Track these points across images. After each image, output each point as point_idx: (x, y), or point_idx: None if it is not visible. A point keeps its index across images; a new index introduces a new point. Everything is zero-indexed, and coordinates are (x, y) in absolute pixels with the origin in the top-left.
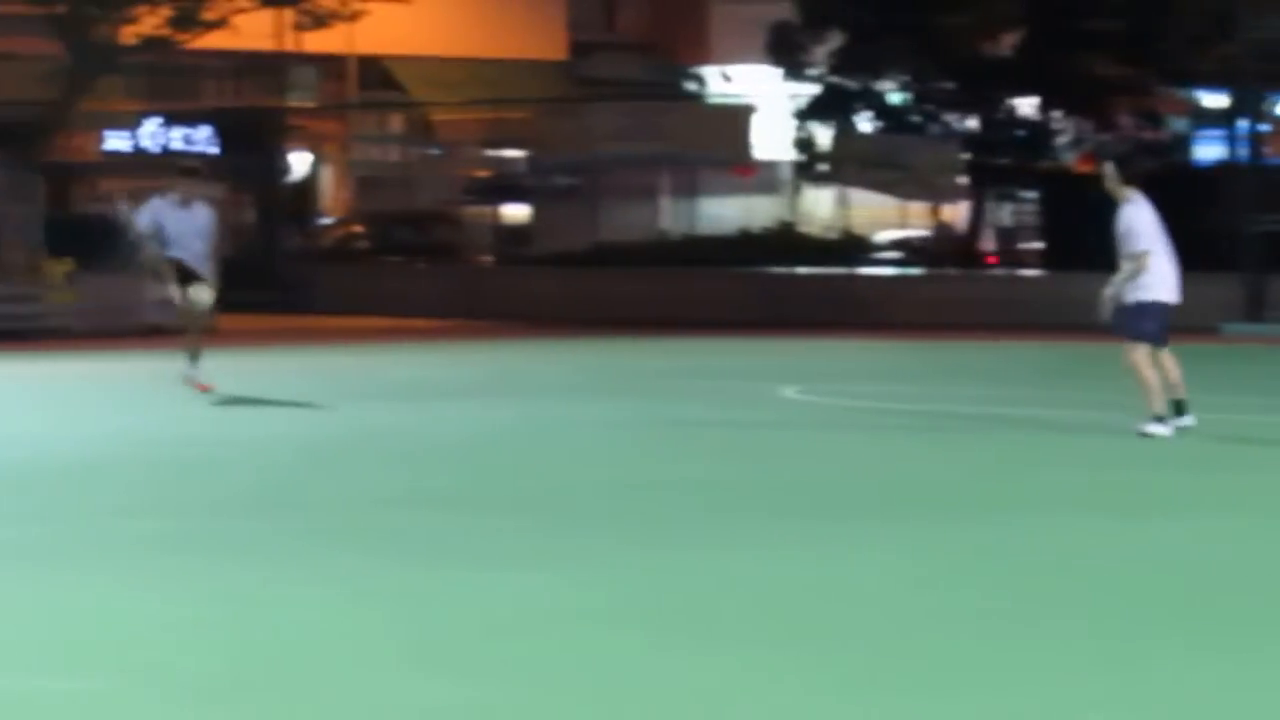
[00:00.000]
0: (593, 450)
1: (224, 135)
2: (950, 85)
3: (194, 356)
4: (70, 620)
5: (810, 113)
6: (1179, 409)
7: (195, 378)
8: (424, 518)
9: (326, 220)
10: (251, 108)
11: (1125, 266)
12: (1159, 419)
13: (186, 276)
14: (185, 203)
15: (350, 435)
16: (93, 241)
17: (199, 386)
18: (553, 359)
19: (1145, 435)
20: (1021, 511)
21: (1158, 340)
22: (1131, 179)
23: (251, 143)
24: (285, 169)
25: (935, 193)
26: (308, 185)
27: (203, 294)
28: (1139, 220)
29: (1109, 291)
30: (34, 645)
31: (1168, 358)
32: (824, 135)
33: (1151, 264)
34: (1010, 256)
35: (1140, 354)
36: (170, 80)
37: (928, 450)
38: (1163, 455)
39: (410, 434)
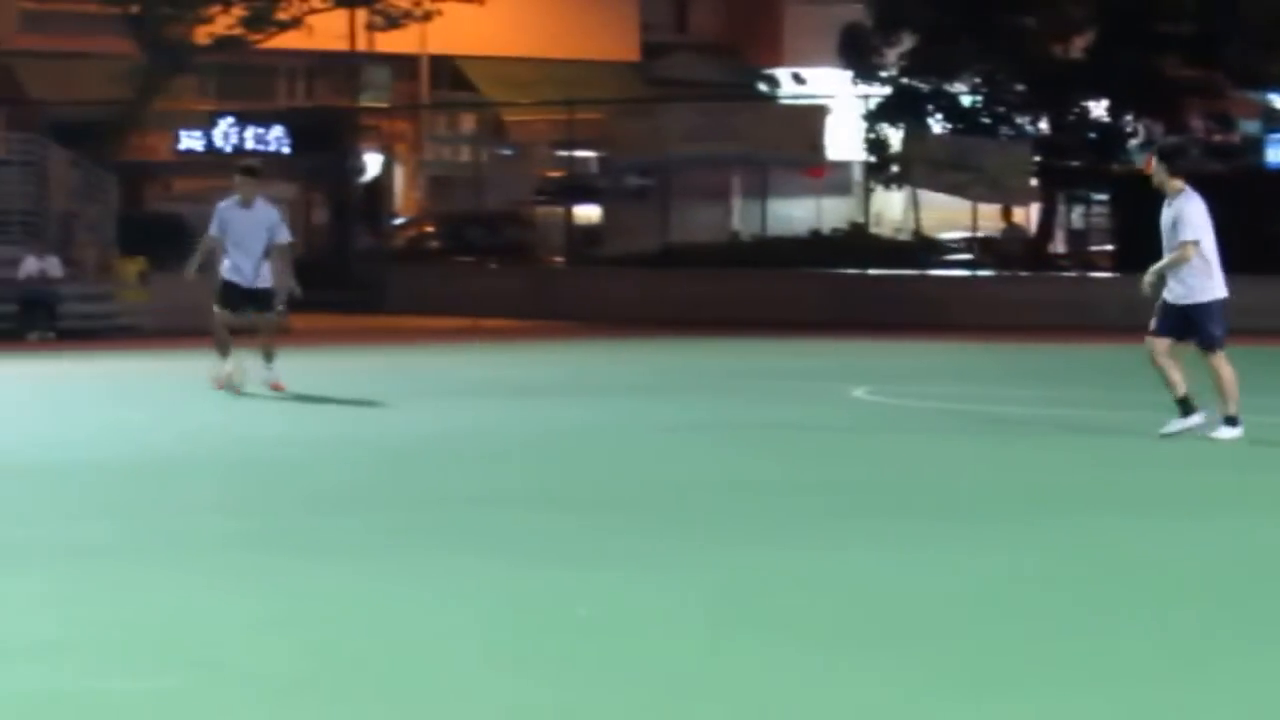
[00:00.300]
0: (667, 450)
1: (297, 135)
2: (1021, 87)
3: (269, 356)
4: (155, 618)
5: (882, 114)
6: (1187, 408)
7: (272, 378)
8: (506, 517)
9: (399, 220)
10: (324, 108)
11: (1174, 256)
12: (1231, 421)
13: (241, 300)
14: (247, 203)
15: (428, 434)
16: (166, 241)
17: (273, 386)
18: (625, 359)
19: (1217, 439)
20: (1094, 512)
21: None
22: (1178, 172)
23: (324, 143)
24: (358, 169)
25: (1006, 194)
26: (380, 185)
27: (267, 316)
28: (1189, 211)
29: (1148, 278)
30: (118, 643)
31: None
32: (895, 137)
33: (1208, 257)
34: (1081, 258)
35: (1162, 346)
36: (244, 80)
37: (998, 451)
38: (1232, 457)
39: (488, 433)
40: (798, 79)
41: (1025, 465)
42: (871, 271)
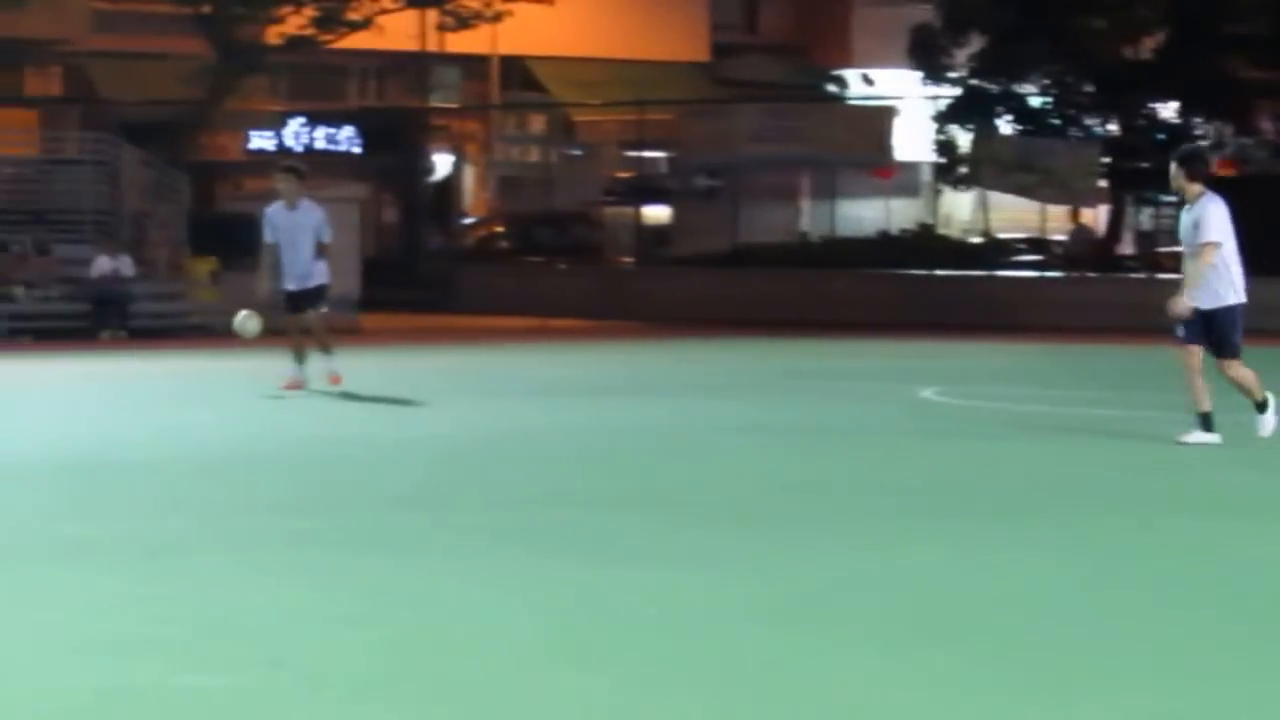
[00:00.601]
0: (734, 450)
1: (367, 135)
2: (1090, 88)
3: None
4: (227, 616)
5: (950, 115)
6: (1208, 422)
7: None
8: (574, 516)
9: (468, 220)
10: (395, 108)
11: (1189, 267)
12: (1262, 406)
13: (300, 302)
14: (291, 204)
15: (496, 434)
16: (237, 240)
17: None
18: (693, 359)
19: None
20: (1159, 514)
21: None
22: (1197, 176)
23: (395, 143)
24: (428, 169)
25: (1074, 196)
26: (450, 185)
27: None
28: (1211, 213)
29: (1185, 302)
30: (191, 640)
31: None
32: (964, 138)
33: (1228, 262)
34: (1149, 260)
35: (1200, 353)
36: (315, 80)
37: (1067, 452)
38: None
39: (555, 432)
40: (866, 80)
41: (1090, 467)
42: (939, 272)
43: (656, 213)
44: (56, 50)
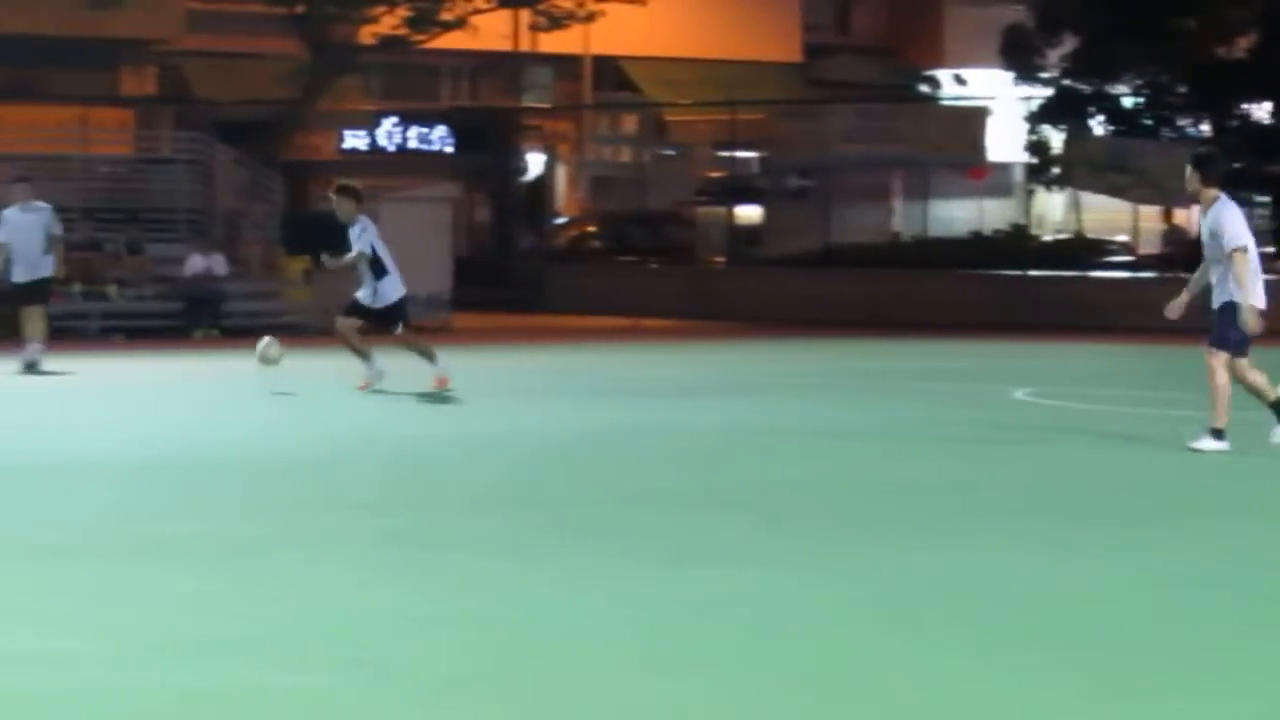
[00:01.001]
0: (824, 450)
1: (460, 135)
2: (1183, 89)
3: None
4: (313, 614)
5: (1043, 115)
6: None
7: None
8: (662, 516)
9: (560, 220)
10: (487, 108)
11: (1215, 270)
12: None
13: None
14: (349, 220)
15: (586, 433)
16: (330, 239)
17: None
18: (784, 359)
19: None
20: (1250, 518)
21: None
22: (1212, 180)
23: (487, 143)
24: (520, 169)
25: (1167, 197)
26: (542, 185)
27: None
28: (1228, 219)
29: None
30: (277, 639)
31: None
32: (1056, 138)
33: (1252, 263)
34: None
35: (1222, 361)
36: (407, 79)
37: (1155, 454)
38: None
39: (645, 432)
40: (959, 80)
41: (1179, 470)
42: (1032, 273)
43: (748, 213)
44: (152, 50)
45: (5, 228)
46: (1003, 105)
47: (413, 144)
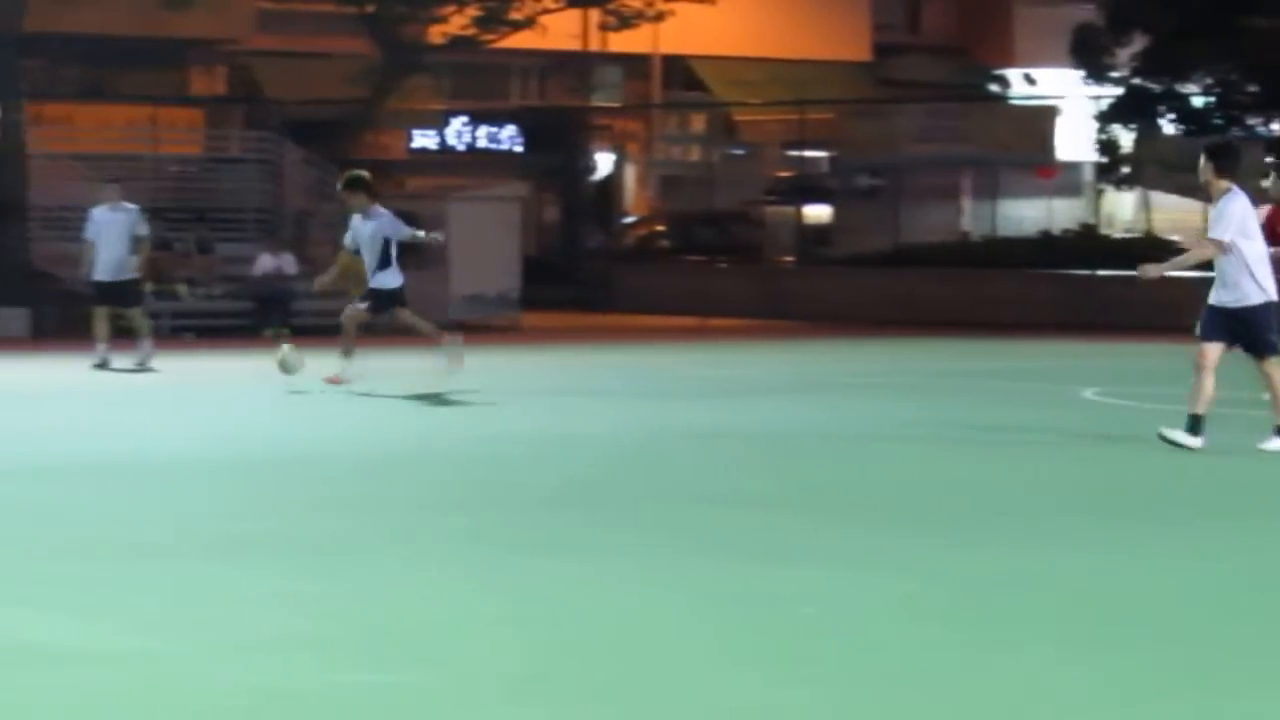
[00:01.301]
0: (893, 450)
1: (529, 134)
2: (1254, 88)
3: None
4: (388, 613)
5: (1113, 115)
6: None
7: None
8: (732, 516)
9: (629, 219)
10: (556, 107)
11: (1218, 264)
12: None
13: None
14: (365, 213)
15: (655, 432)
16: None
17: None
18: (853, 359)
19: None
20: None
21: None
22: (1225, 172)
23: (556, 142)
24: (589, 168)
25: None
26: (611, 184)
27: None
28: (1227, 208)
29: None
30: (348, 638)
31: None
32: (1126, 137)
33: (1249, 259)
34: None
35: (1215, 353)
36: (477, 79)
37: (1227, 453)
38: None
39: (714, 432)
40: (1029, 80)
41: (1250, 469)
42: (1101, 273)
43: (817, 212)
44: (221, 50)
45: (92, 226)
46: (1072, 104)
47: (482, 143)
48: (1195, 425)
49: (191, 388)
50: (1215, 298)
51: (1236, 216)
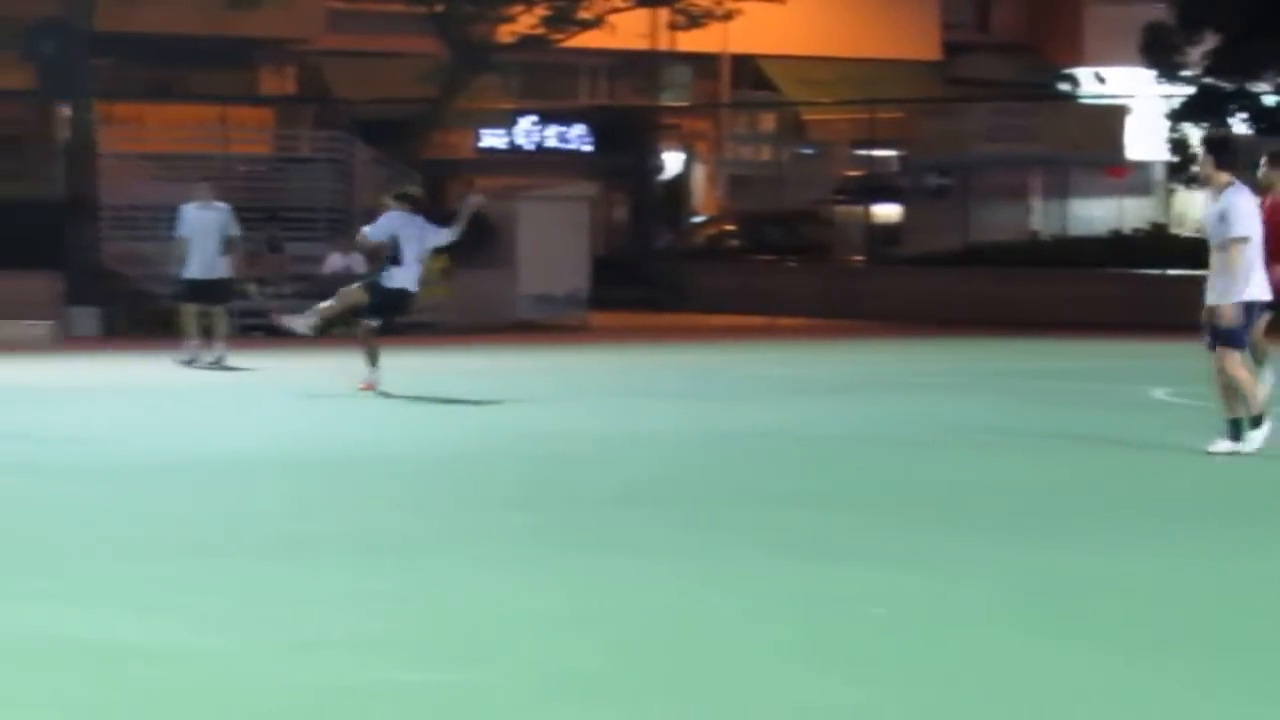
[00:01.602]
0: (962, 450)
1: (598, 134)
2: None
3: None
4: (454, 612)
5: (1184, 114)
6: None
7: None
8: (799, 515)
9: (697, 219)
10: (625, 106)
11: (1214, 260)
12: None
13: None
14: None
15: (723, 431)
16: (468, 238)
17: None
18: (922, 359)
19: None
20: None
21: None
22: (1225, 165)
23: (625, 141)
24: (658, 168)
25: None
26: (679, 184)
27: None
28: (1239, 204)
29: (1230, 309)
30: (415, 636)
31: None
32: (1197, 136)
33: (1250, 256)
34: None
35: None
36: (546, 78)
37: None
38: None
39: (782, 431)
40: (1099, 78)
41: None
42: (1172, 272)
43: (886, 211)
44: (291, 49)
45: (184, 224)
46: (1143, 103)
47: (551, 143)
48: (1254, 422)
49: (259, 386)
50: (1210, 294)
51: (1247, 212)
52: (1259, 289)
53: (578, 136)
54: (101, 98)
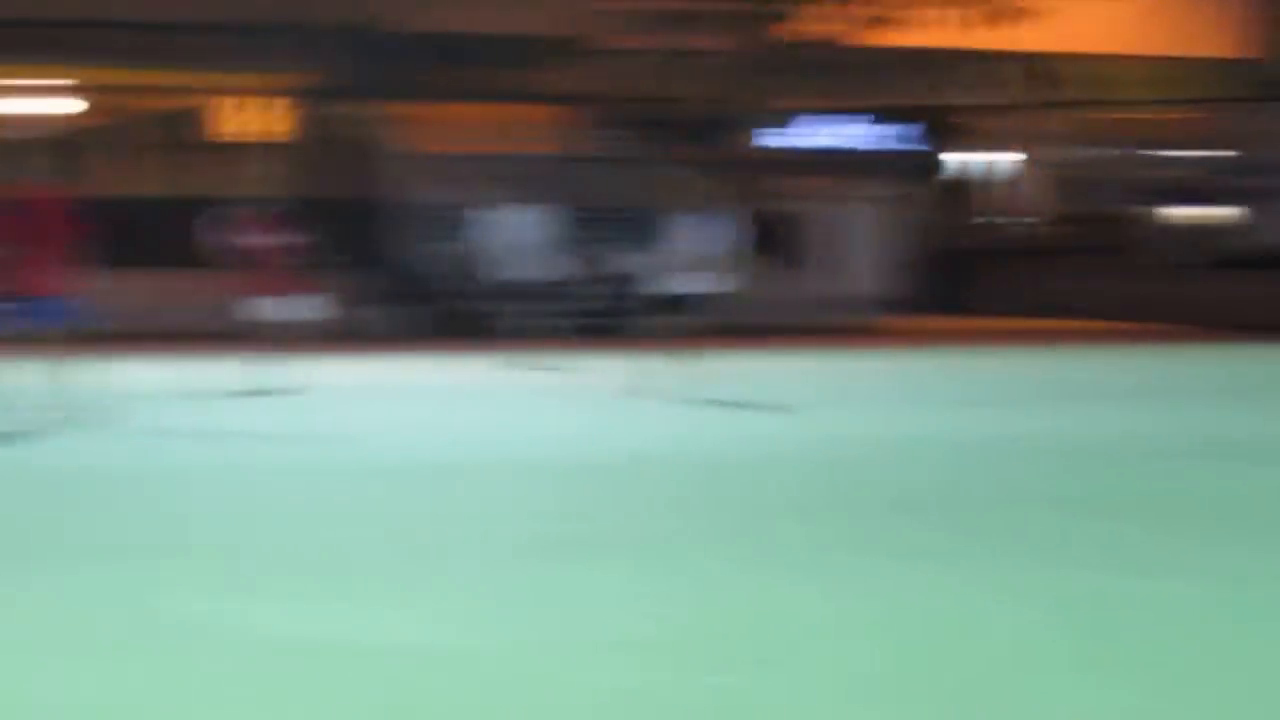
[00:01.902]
0: (1245, 460)
1: (896, 133)
2: None
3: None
4: (726, 615)
5: None
6: None
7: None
8: (1083, 522)
9: (996, 220)
10: (924, 105)
11: None
12: None
13: None
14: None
15: (1007, 435)
16: (769, 238)
17: None
18: (1224, 365)
19: None
20: None
21: None
22: None
23: (923, 141)
24: (953, 167)
25: None
26: (975, 184)
27: None
28: None
29: None
30: (690, 639)
31: None
32: None
33: None
34: None
35: None
36: (844, 77)
37: None
38: None
39: (1066, 436)
40: None
41: None
42: None
43: (1193, 213)
44: (580, 49)
45: (490, 227)
46: None
47: (848, 143)
48: None
49: (553, 390)
50: None
51: None
52: None
53: (876, 136)
54: (391, 98)
